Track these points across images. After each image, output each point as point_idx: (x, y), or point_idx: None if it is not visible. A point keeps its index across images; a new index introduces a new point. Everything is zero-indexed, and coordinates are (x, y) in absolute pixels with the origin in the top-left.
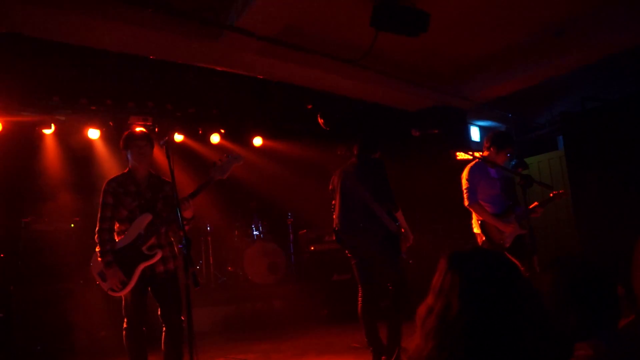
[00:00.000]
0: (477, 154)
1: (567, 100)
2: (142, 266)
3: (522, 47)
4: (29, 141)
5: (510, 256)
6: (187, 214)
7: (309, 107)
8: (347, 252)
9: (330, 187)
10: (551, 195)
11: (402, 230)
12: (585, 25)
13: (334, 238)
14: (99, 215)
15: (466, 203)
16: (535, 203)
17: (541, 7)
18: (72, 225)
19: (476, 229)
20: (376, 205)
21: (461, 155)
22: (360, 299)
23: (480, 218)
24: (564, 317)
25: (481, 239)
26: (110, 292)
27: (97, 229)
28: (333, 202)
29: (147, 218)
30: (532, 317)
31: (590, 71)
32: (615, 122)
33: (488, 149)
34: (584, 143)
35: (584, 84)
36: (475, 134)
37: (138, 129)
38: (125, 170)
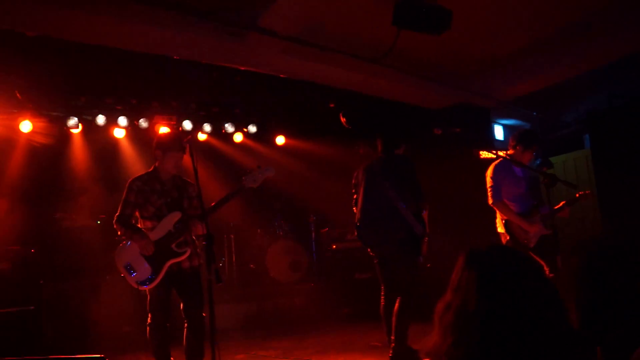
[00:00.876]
0: (501, 153)
1: (593, 98)
2: (170, 262)
3: (547, 43)
4: (58, 140)
5: (534, 256)
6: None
7: (332, 105)
8: (369, 250)
9: (353, 181)
10: (577, 195)
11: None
12: (612, 21)
13: (355, 233)
14: (119, 210)
15: (490, 201)
16: (562, 202)
17: (567, 2)
18: (99, 222)
19: (500, 228)
20: (401, 205)
21: (484, 154)
22: (382, 297)
23: (505, 217)
24: (591, 307)
25: (505, 238)
26: (137, 286)
27: (116, 216)
28: (354, 195)
29: (176, 216)
30: (549, 315)
31: (618, 68)
32: None
33: (514, 147)
34: (611, 141)
35: (611, 81)
36: (499, 132)
37: (173, 133)
38: (151, 169)
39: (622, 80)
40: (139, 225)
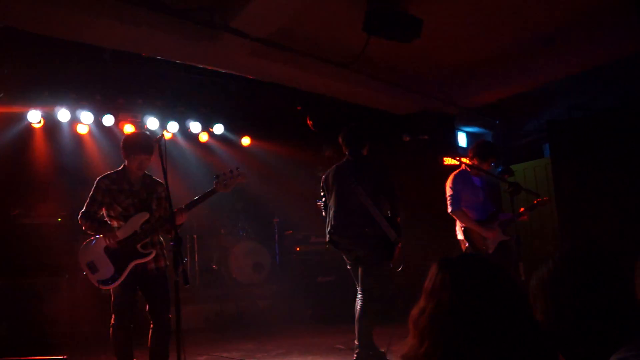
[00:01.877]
0: (464, 160)
1: (554, 108)
2: (134, 263)
3: (511, 54)
4: (19, 134)
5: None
6: (180, 220)
7: (299, 108)
8: (342, 254)
9: (322, 184)
10: (535, 202)
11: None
12: (575, 35)
13: (327, 240)
14: (85, 206)
15: (449, 209)
16: (522, 209)
17: (532, 16)
18: (60, 220)
19: (459, 236)
20: (374, 210)
21: (448, 161)
22: (359, 300)
23: (463, 225)
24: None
25: (464, 245)
26: (98, 285)
27: (81, 212)
28: (319, 202)
29: (143, 216)
30: (516, 312)
31: (578, 80)
32: (600, 131)
33: (472, 159)
34: (569, 151)
35: (571, 93)
36: (462, 139)
37: (133, 132)
38: (120, 168)
39: (581, 92)
40: None
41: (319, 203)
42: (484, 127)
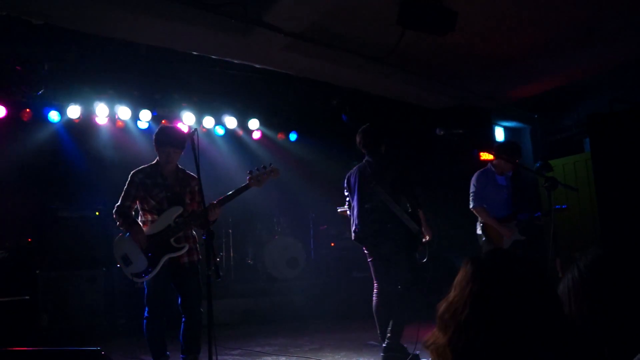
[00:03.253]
0: (502, 155)
1: (594, 101)
2: (167, 257)
3: (549, 47)
4: (58, 129)
5: None
6: (213, 215)
7: (334, 102)
8: (366, 250)
9: (345, 185)
10: (555, 208)
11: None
12: (614, 26)
13: (353, 238)
14: (119, 201)
15: (471, 205)
16: (539, 214)
17: (570, 7)
18: (97, 213)
19: (478, 230)
20: (395, 206)
21: (485, 156)
22: (375, 295)
23: (482, 220)
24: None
25: (481, 240)
26: (132, 278)
27: (116, 206)
28: (340, 210)
29: (177, 210)
30: (548, 306)
31: (619, 73)
32: None
33: (497, 157)
34: (611, 145)
35: (612, 86)
36: (499, 134)
37: (164, 126)
38: (154, 162)
39: (623, 85)
40: (140, 218)
41: (340, 210)
42: (522, 121)
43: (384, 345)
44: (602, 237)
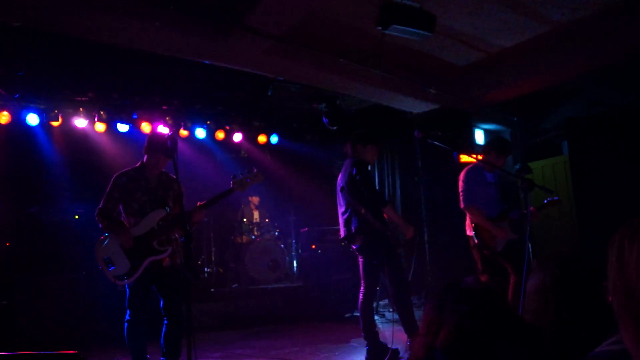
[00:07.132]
0: (480, 157)
1: (573, 105)
2: (149, 260)
3: (528, 50)
4: (36, 133)
5: (501, 259)
6: (197, 218)
7: (315, 105)
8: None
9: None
10: (545, 202)
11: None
12: (593, 30)
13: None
14: (101, 203)
15: (462, 205)
16: (532, 209)
17: (549, 10)
18: (77, 217)
19: (469, 231)
20: (358, 208)
21: (464, 158)
22: (361, 294)
23: (475, 221)
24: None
25: (473, 241)
26: (114, 281)
27: (98, 208)
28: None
29: (160, 213)
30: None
31: (597, 77)
32: (620, 128)
33: (488, 153)
34: (588, 149)
35: (590, 90)
36: (479, 137)
37: (161, 133)
38: (137, 165)
39: (601, 89)
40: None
41: None
42: (502, 124)
43: (366, 347)
44: (580, 238)
